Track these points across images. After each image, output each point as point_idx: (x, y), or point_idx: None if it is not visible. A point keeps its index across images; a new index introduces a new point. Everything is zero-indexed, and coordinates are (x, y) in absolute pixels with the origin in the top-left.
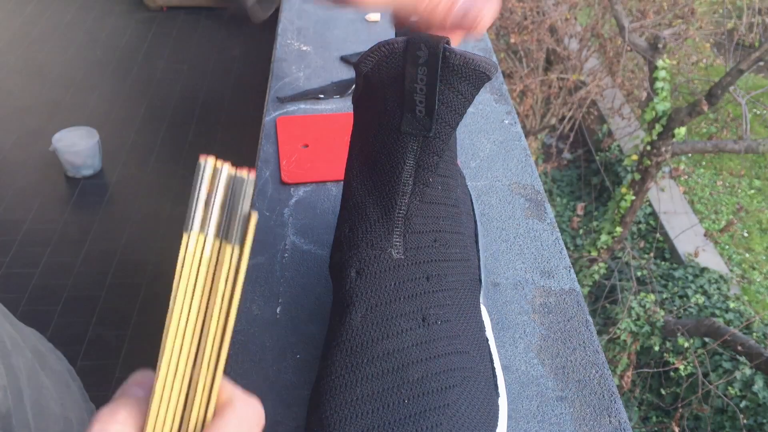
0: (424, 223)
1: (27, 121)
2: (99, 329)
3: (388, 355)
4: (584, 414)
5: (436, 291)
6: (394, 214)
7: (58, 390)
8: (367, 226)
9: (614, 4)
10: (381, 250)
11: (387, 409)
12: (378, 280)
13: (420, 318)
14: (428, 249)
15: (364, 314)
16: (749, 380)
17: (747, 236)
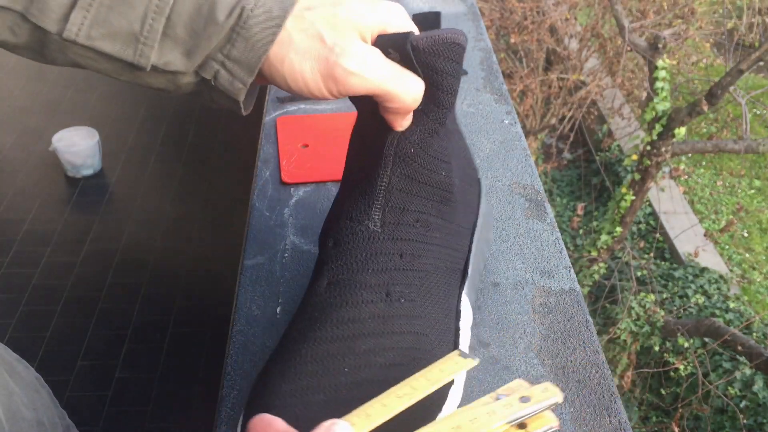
0: (407, 201)
1: (27, 121)
2: (99, 329)
3: (343, 322)
4: (584, 414)
5: (407, 269)
6: (375, 186)
7: (29, 396)
8: (351, 200)
9: (614, 4)
10: (358, 222)
11: (326, 374)
12: (351, 250)
13: (384, 293)
14: (407, 227)
15: (330, 281)
16: (749, 380)
17: (747, 236)
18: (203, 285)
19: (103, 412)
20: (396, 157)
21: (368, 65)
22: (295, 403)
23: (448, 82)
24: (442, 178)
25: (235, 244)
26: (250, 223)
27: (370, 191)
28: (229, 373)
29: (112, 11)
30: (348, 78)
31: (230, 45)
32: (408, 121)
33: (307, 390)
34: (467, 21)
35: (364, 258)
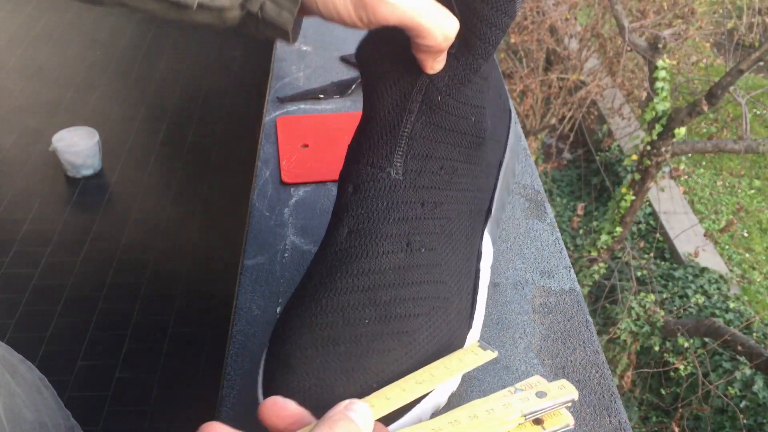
0: (431, 148)
1: (27, 121)
2: (99, 329)
3: (363, 273)
4: (584, 414)
5: (427, 218)
6: (398, 132)
7: (31, 397)
8: (371, 143)
9: (614, 4)
10: (380, 168)
11: (346, 325)
12: (372, 198)
13: (404, 242)
14: (431, 175)
15: (351, 230)
16: (749, 380)
17: (747, 236)
18: (203, 285)
19: (103, 412)
20: (422, 105)
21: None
22: (315, 356)
23: (486, 29)
24: (472, 123)
25: (235, 244)
26: (250, 223)
27: (392, 137)
28: (229, 373)
29: None
30: (379, 5)
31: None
32: (440, 64)
33: (328, 341)
34: None
35: (385, 207)
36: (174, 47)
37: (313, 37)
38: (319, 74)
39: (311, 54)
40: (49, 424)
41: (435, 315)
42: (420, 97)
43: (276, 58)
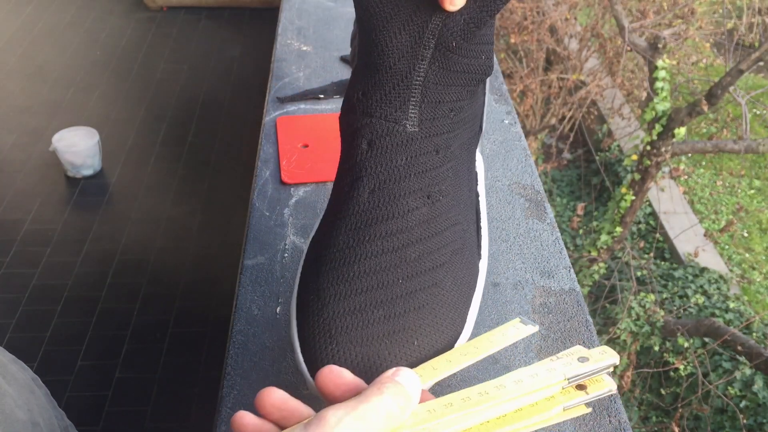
0: (443, 92)
1: (27, 121)
2: (99, 329)
3: (391, 234)
4: (584, 414)
5: (441, 165)
6: (411, 81)
7: (23, 397)
8: (382, 94)
9: (614, 4)
10: (395, 122)
11: (381, 288)
12: (389, 154)
13: (426, 195)
14: (443, 120)
15: (372, 190)
16: (749, 380)
17: (747, 236)
18: (203, 285)
19: (103, 412)
20: (435, 51)
21: None
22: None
23: None
24: (482, 62)
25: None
26: (250, 223)
27: (405, 87)
28: (229, 373)
29: None
30: None
31: None
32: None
33: (365, 307)
34: None
35: (404, 162)
36: (174, 47)
37: (313, 37)
38: (319, 74)
39: (311, 54)
40: (42, 424)
41: (455, 259)
42: (433, 43)
43: (276, 58)
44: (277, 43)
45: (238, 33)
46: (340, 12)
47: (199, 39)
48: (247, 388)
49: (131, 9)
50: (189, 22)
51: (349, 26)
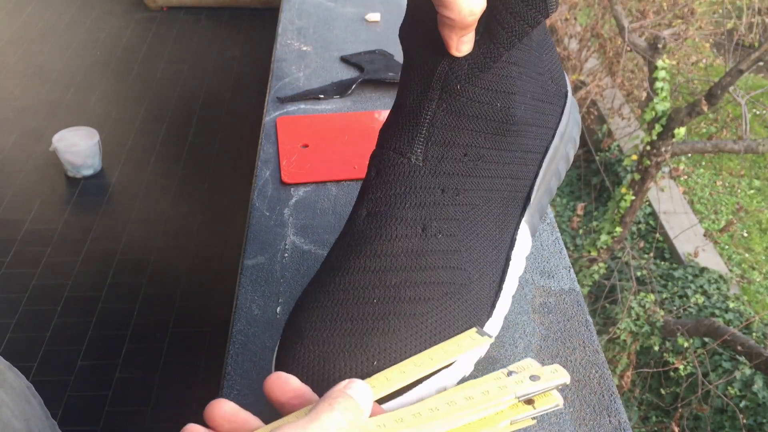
0: (453, 135)
1: (27, 121)
2: (99, 329)
3: (376, 255)
4: (584, 414)
5: (448, 204)
6: (419, 119)
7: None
8: (395, 129)
9: (614, 4)
10: (401, 153)
11: (355, 303)
12: (391, 182)
13: (420, 228)
14: (453, 162)
15: (369, 213)
16: (749, 380)
17: (747, 236)
18: (203, 285)
19: (103, 412)
20: (442, 92)
21: None
22: (322, 329)
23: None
24: (497, 109)
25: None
26: (250, 223)
27: (414, 124)
28: (229, 373)
29: None
30: None
31: None
32: (467, 45)
33: (336, 317)
34: None
35: (403, 191)
36: (174, 47)
37: (313, 37)
38: (319, 74)
39: (311, 54)
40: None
41: (448, 300)
42: (440, 84)
43: (276, 58)
44: (277, 43)
45: (238, 33)
46: (340, 12)
47: (199, 39)
48: (247, 388)
49: (131, 9)
50: (189, 22)
51: (349, 26)
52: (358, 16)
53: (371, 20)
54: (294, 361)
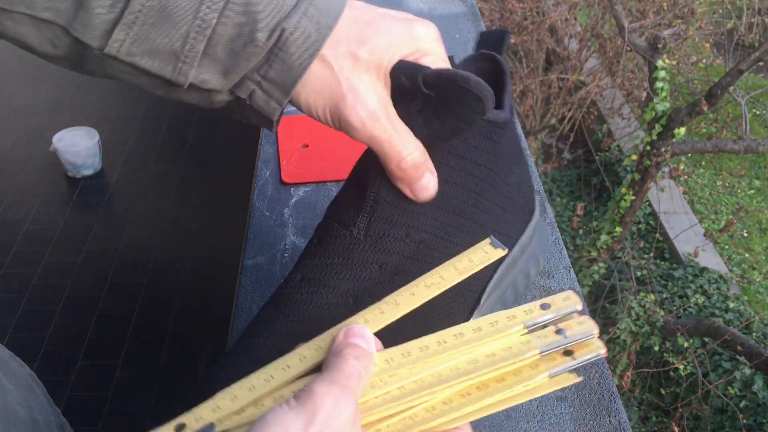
0: (396, 214)
1: (27, 121)
2: (99, 329)
3: (303, 320)
4: (584, 414)
5: (384, 282)
6: (365, 194)
7: (23, 394)
8: (344, 202)
9: (614, 4)
10: (344, 226)
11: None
12: (330, 252)
13: (351, 299)
14: (395, 241)
15: (303, 277)
16: (749, 380)
17: (747, 236)
18: (203, 285)
19: (103, 412)
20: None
21: (371, 122)
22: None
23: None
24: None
25: (235, 244)
26: (250, 223)
27: (360, 198)
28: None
29: (155, 29)
30: (350, 129)
31: (268, 66)
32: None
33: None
34: (467, 21)
35: (340, 262)
36: None
37: None
38: None
39: None
40: (41, 422)
41: None
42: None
43: None
44: None
45: None
46: None
47: None
48: None
49: None
50: None
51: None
52: None
53: None
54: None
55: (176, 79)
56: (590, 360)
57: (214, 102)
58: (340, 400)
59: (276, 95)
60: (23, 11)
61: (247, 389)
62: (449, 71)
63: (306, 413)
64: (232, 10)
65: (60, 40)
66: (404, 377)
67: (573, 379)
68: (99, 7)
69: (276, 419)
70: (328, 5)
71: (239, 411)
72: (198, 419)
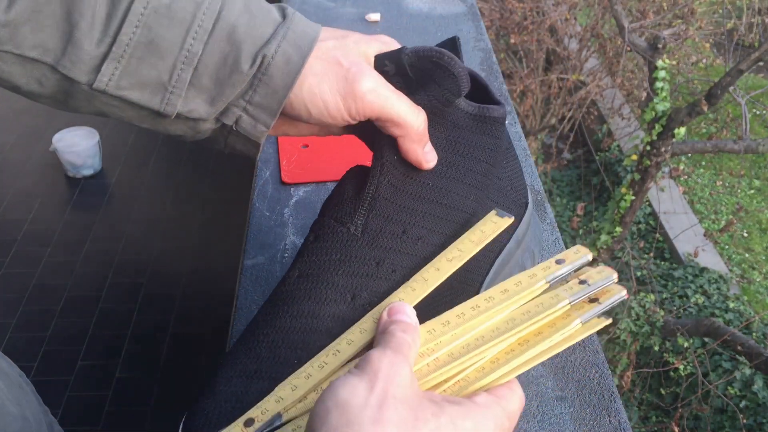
0: (393, 210)
1: (27, 121)
2: (99, 329)
3: (302, 315)
4: (584, 414)
5: (381, 279)
6: (362, 193)
7: (13, 392)
8: (340, 199)
9: (614, 4)
10: (341, 223)
11: (274, 362)
12: (327, 248)
13: (349, 296)
14: (391, 237)
15: (301, 274)
16: (749, 380)
17: (747, 236)
18: (203, 285)
19: (103, 412)
20: (384, 167)
21: (381, 86)
22: (237, 384)
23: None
24: (437, 194)
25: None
26: (250, 223)
27: (357, 196)
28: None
29: (142, 62)
30: (367, 94)
31: (252, 91)
32: (432, 155)
33: (253, 375)
34: (467, 21)
35: (338, 258)
36: None
37: None
38: None
39: None
40: (31, 419)
41: None
42: (382, 160)
43: None
44: None
45: None
46: (340, 12)
47: None
48: None
49: None
50: None
51: (349, 26)
52: (358, 16)
53: (371, 20)
54: (202, 416)
55: (164, 109)
56: (615, 302)
57: (200, 131)
58: (396, 362)
59: (263, 118)
60: (10, 50)
61: (305, 377)
62: (425, 47)
63: (368, 375)
64: (217, 40)
65: (47, 79)
66: (448, 343)
67: (603, 322)
68: (87, 43)
69: (342, 385)
70: (305, 29)
71: (301, 398)
72: (264, 412)
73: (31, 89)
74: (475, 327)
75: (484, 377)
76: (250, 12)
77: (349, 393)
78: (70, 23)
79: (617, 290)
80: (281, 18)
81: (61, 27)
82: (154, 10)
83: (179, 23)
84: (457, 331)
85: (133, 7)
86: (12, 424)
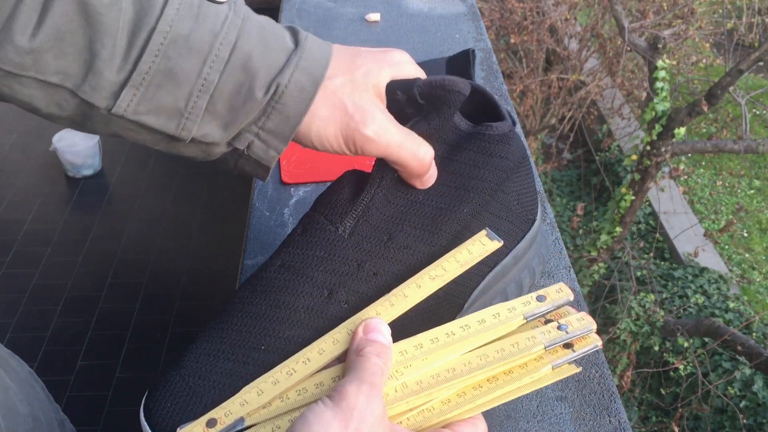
0: (384, 222)
1: (27, 121)
2: (99, 329)
3: (277, 305)
4: (584, 414)
5: (361, 280)
6: (357, 200)
7: (24, 391)
8: (334, 198)
9: (614, 4)
10: (331, 222)
11: (242, 345)
12: (313, 244)
13: (326, 292)
14: (377, 243)
15: (283, 263)
16: (749, 380)
17: (747, 236)
18: (203, 285)
19: (103, 412)
20: (383, 180)
21: (383, 133)
22: (205, 361)
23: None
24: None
25: (235, 244)
26: (250, 223)
27: (352, 201)
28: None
29: (160, 89)
30: (366, 143)
31: (265, 118)
32: (429, 179)
33: (220, 355)
34: (467, 21)
35: (321, 255)
36: None
37: None
38: None
39: None
40: (41, 418)
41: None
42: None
43: None
44: None
45: None
46: (340, 12)
47: None
48: None
49: None
50: None
51: (349, 26)
52: (358, 16)
53: (371, 20)
54: (165, 389)
55: (179, 134)
56: (588, 351)
57: (212, 154)
58: (371, 397)
59: (274, 144)
60: (33, 75)
61: (272, 383)
62: (437, 78)
63: (342, 412)
64: (233, 69)
65: (67, 102)
66: (419, 369)
67: (573, 369)
68: (108, 71)
69: (315, 418)
70: (317, 56)
71: (266, 405)
72: (228, 414)
73: (51, 111)
74: (447, 356)
75: (450, 411)
76: (264, 40)
77: (322, 429)
78: (92, 52)
79: (593, 339)
80: (293, 45)
81: (83, 55)
82: (174, 41)
83: (197, 53)
84: (429, 358)
85: (154, 37)
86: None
